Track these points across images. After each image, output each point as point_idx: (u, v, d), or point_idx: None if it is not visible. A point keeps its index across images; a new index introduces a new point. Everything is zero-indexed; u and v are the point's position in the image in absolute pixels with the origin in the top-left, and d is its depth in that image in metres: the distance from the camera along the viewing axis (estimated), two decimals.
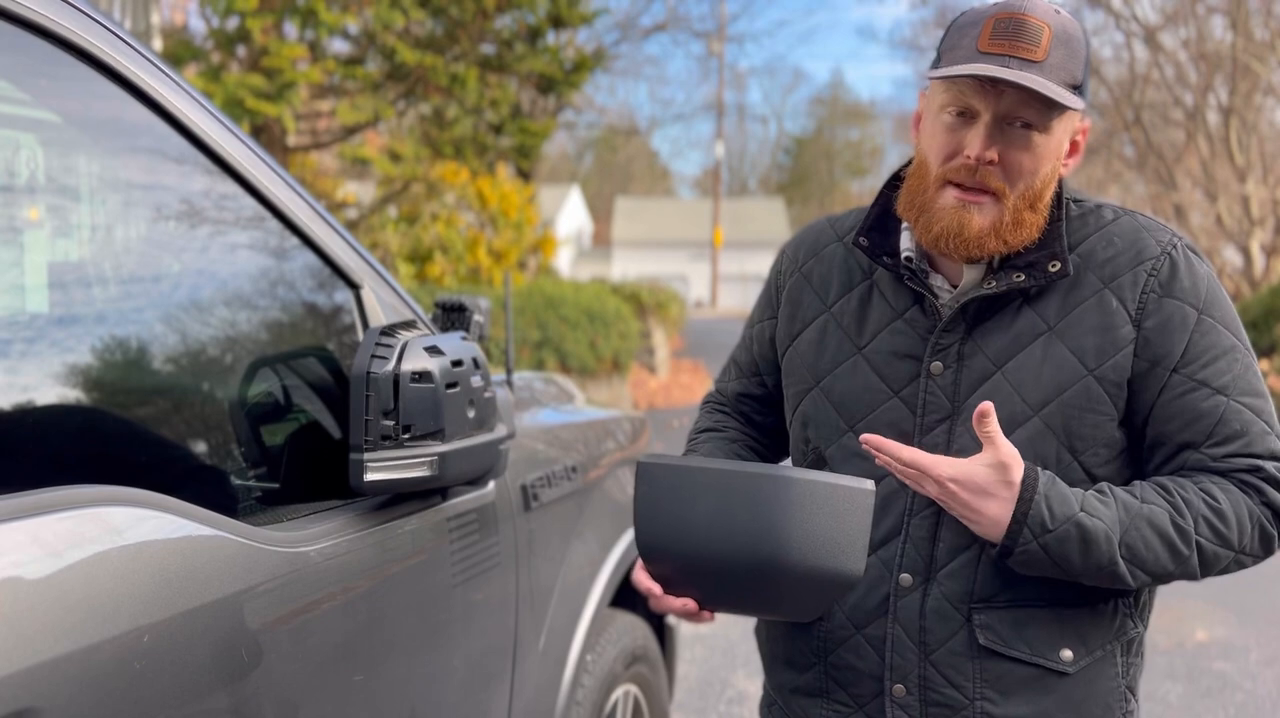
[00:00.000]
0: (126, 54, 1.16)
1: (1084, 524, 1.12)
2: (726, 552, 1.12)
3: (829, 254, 1.37)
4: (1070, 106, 1.13)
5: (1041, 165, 1.17)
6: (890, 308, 1.28)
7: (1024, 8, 1.16)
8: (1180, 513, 1.14)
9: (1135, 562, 1.13)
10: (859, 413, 1.28)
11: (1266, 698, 3.67)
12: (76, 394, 1.19)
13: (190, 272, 1.37)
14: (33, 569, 0.90)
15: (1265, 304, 11.50)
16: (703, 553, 1.14)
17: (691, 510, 1.13)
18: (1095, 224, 1.24)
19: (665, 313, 14.55)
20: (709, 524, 1.12)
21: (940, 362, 1.23)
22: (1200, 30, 17.35)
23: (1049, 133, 1.16)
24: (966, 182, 1.18)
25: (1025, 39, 1.14)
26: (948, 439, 1.22)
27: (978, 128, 1.16)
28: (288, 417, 1.45)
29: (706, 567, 1.15)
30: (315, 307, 1.52)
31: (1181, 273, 1.19)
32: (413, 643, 1.41)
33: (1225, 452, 1.17)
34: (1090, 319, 1.19)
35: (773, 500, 1.10)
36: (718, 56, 35.65)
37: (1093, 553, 1.12)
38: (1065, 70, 1.15)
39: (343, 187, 13.82)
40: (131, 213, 1.35)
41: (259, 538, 1.16)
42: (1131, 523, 1.13)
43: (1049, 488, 1.13)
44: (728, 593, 1.18)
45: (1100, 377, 1.18)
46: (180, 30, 11.42)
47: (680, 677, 3.62)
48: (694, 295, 39.84)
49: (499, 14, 11.21)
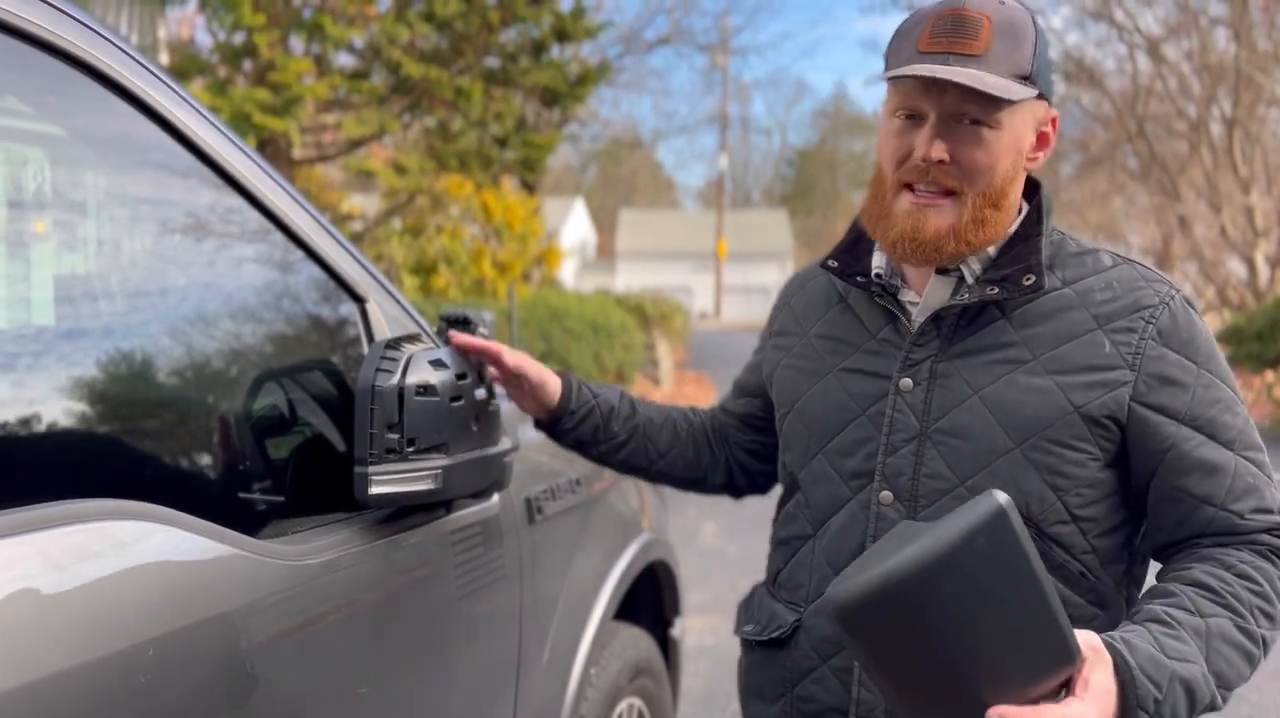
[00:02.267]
0: (132, 69, 1.16)
1: (1183, 676, 1.01)
2: (967, 659, 0.94)
3: (813, 286, 1.39)
4: (1010, 99, 1.10)
5: (998, 161, 1.14)
6: (864, 328, 1.27)
7: (963, 3, 1.13)
8: (1240, 615, 1.08)
9: (1222, 684, 1.06)
10: (828, 433, 1.26)
11: (1273, 709, 3.65)
12: (82, 408, 1.19)
13: (196, 285, 1.38)
14: (39, 583, 0.90)
15: (1270, 315, 11.48)
16: (956, 644, 0.94)
17: (996, 610, 0.93)
18: (1094, 266, 1.20)
19: (669, 324, 14.56)
20: (991, 631, 0.93)
21: (910, 378, 1.20)
22: (1203, 42, 17.37)
23: (1000, 127, 1.13)
24: (920, 184, 1.16)
25: (963, 34, 1.11)
26: (915, 463, 1.18)
27: (925, 129, 1.14)
28: (293, 430, 1.45)
29: (941, 651, 0.95)
30: (320, 320, 1.53)
31: (1181, 325, 1.16)
32: (417, 656, 1.41)
33: (1249, 507, 1.13)
34: (1080, 356, 1.15)
35: (1042, 652, 0.94)
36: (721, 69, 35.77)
37: (1197, 699, 1.03)
38: (1009, 61, 1.11)
39: (348, 199, 13.87)
40: (137, 227, 1.36)
41: (264, 551, 1.16)
42: (1209, 648, 1.05)
43: (1138, 658, 1.00)
44: (906, 670, 0.98)
45: (1085, 414, 1.14)
46: (187, 44, 11.48)
47: (685, 690, 3.61)
48: (698, 307, 39.84)
49: (504, 28, 11.25)
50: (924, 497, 1.18)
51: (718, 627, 4.29)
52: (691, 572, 5.04)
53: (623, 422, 1.48)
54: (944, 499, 1.17)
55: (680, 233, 46.14)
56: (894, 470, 1.19)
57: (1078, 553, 1.18)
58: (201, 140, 1.24)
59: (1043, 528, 1.16)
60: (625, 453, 1.50)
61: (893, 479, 1.20)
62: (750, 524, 6.13)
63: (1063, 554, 1.17)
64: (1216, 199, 17.19)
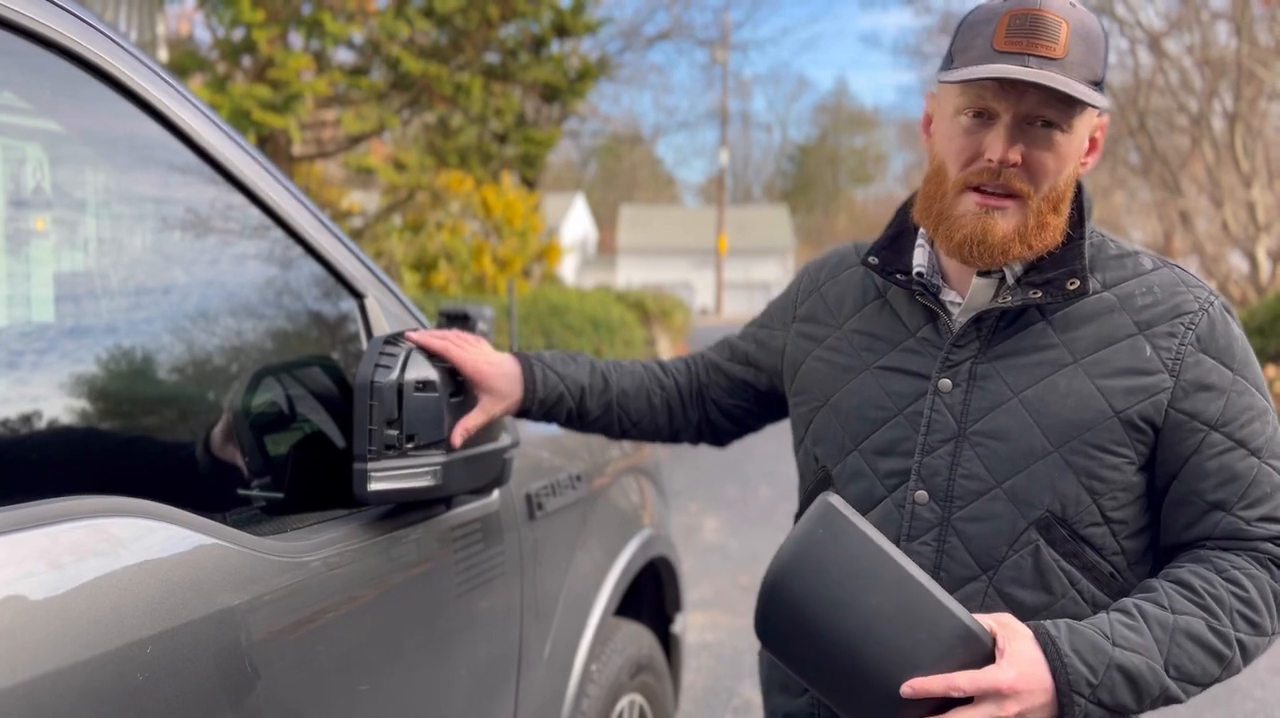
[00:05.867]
0: (131, 65, 1.16)
1: (1123, 663, 1.05)
2: (858, 647, 1.03)
3: (847, 276, 1.36)
4: (1095, 105, 1.09)
5: (1065, 165, 1.14)
6: (904, 326, 1.26)
7: (1040, 2, 1.10)
8: (1215, 616, 1.09)
9: (1185, 678, 1.08)
10: (864, 431, 1.25)
11: (1276, 706, 3.65)
12: (81, 404, 1.19)
13: (195, 282, 1.37)
14: (37, 581, 0.90)
15: (1272, 310, 11.46)
16: (839, 634, 1.03)
17: (858, 594, 1.03)
18: (1134, 269, 1.20)
19: (670, 320, 14.55)
20: (862, 615, 1.02)
21: (950, 379, 1.20)
22: (1205, 36, 17.33)
23: (1072, 131, 1.12)
24: (988, 185, 1.14)
25: (1044, 35, 1.08)
26: (951, 463, 1.18)
27: (998, 129, 1.12)
28: (292, 426, 1.45)
29: (831, 644, 1.04)
30: (320, 316, 1.52)
31: (1219, 332, 1.16)
32: (417, 653, 1.41)
33: (1258, 514, 1.13)
34: (1121, 360, 1.15)
35: (928, 628, 1.02)
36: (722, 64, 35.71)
37: (1143, 688, 1.06)
38: (1086, 67, 1.10)
39: (348, 195, 13.86)
40: (136, 224, 1.35)
41: (263, 548, 1.16)
42: (1171, 642, 1.07)
43: (1073, 640, 1.05)
44: (821, 669, 1.07)
45: (1125, 419, 1.14)
46: (186, 41, 11.47)
47: (686, 686, 3.61)
48: (699, 303, 39.82)
49: (503, 23, 11.24)
50: (959, 498, 1.18)
51: (719, 623, 4.29)
52: (693, 568, 5.04)
53: (596, 398, 1.47)
54: (980, 500, 1.17)
55: (681, 229, 46.11)
56: (930, 471, 1.19)
57: (1108, 554, 1.18)
58: (200, 136, 1.24)
59: (1077, 529, 1.16)
60: (598, 426, 1.50)
61: (929, 479, 1.19)
62: (752, 520, 6.14)
63: (1094, 556, 1.17)
64: (1218, 194, 17.17)
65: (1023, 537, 1.15)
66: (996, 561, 1.16)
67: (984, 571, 1.17)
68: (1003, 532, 1.16)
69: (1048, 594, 1.16)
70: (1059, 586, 1.16)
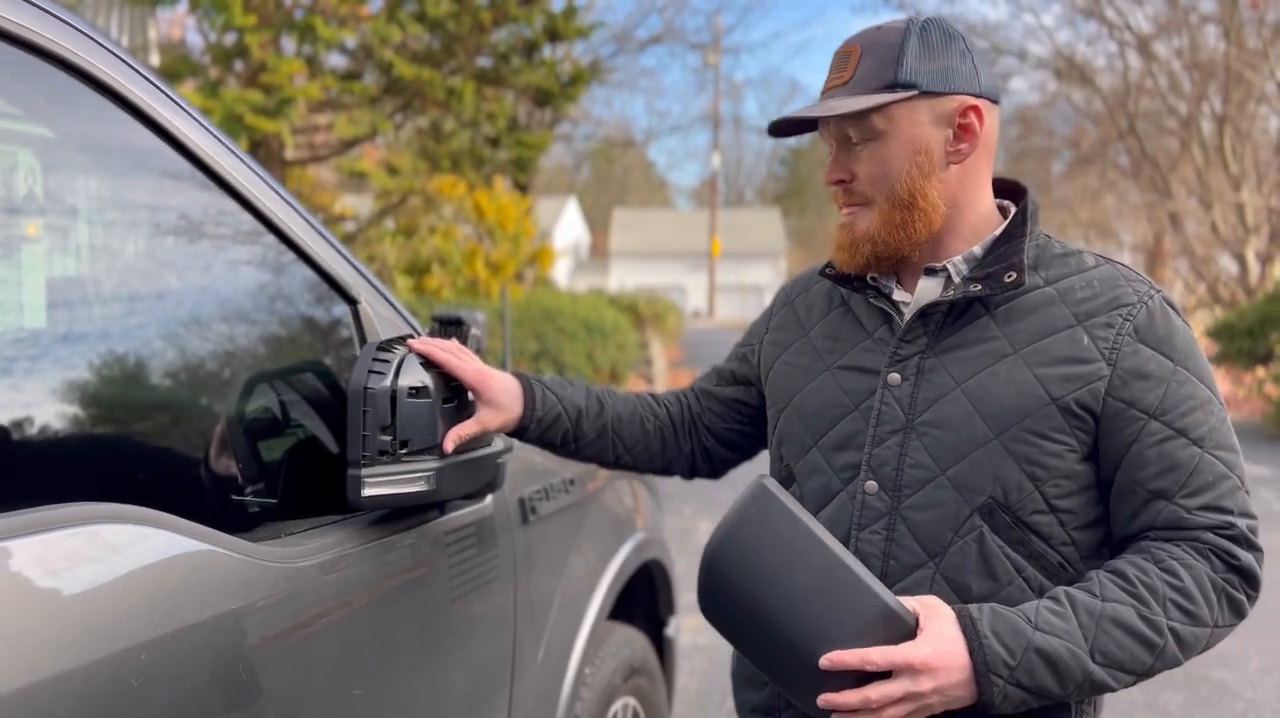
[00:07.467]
0: (123, 70, 1.16)
1: (1042, 647, 1.09)
2: (784, 621, 1.10)
3: (816, 289, 1.43)
4: (861, 109, 1.18)
5: (889, 167, 1.22)
6: (862, 328, 1.32)
7: (848, 39, 1.25)
8: (1146, 603, 1.12)
9: (1112, 665, 1.11)
10: (822, 428, 1.30)
11: (1267, 707, 3.67)
12: (74, 410, 1.19)
13: (187, 287, 1.37)
14: (31, 587, 0.90)
15: (1261, 311, 11.51)
16: (768, 608, 1.11)
17: (786, 571, 1.10)
18: (1076, 266, 1.25)
19: (663, 324, 14.57)
20: (789, 590, 1.10)
21: (899, 373, 1.24)
22: (1193, 39, 17.42)
23: (882, 137, 1.21)
24: (842, 202, 1.28)
25: (840, 69, 1.24)
26: (900, 453, 1.22)
27: (831, 156, 1.27)
28: (285, 432, 1.45)
29: (761, 617, 1.12)
30: (313, 321, 1.53)
31: (1158, 323, 1.19)
32: (411, 657, 1.41)
33: (1199, 503, 1.15)
34: (1059, 349, 1.19)
35: (850, 605, 1.08)
36: (714, 68, 35.79)
37: (1064, 672, 1.10)
38: (872, 78, 1.20)
39: (340, 200, 13.83)
40: (129, 229, 1.35)
41: (257, 554, 1.16)
42: (1098, 628, 1.11)
43: (994, 622, 1.10)
44: (753, 641, 1.15)
45: (1063, 406, 1.17)
46: (178, 45, 11.44)
47: (679, 689, 3.61)
48: (691, 306, 39.87)
49: (495, 28, 11.23)
50: (907, 487, 1.22)
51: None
52: (686, 571, 5.03)
53: (591, 421, 1.49)
54: (926, 488, 1.21)
55: (674, 232, 46.16)
56: (879, 461, 1.23)
57: (1057, 544, 1.20)
58: (191, 142, 1.24)
59: (1020, 516, 1.19)
60: (592, 450, 1.50)
61: (878, 469, 1.23)
62: None
63: (1041, 545, 1.20)
64: (1207, 196, 17.25)
65: (967, 523, 1.19)
66: (943, 547, 1.19)
67: (931, 557, 1.20)
68: (948, 518, 1.19)
69: (993, 582, 1.18)
70: (1004, 573, 1.19)
